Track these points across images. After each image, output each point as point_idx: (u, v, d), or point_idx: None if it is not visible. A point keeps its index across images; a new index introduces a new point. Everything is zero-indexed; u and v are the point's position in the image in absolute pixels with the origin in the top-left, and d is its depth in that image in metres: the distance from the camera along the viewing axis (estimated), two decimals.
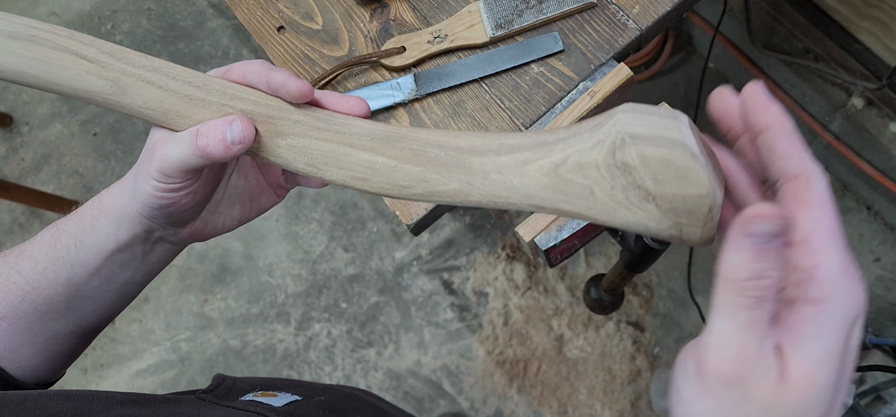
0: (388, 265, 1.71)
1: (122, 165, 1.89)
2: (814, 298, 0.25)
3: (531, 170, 0.32)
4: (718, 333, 0.25)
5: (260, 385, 0.51)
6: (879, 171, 1.39)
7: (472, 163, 0.34)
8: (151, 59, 0.39)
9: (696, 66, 1.70)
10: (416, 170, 0.36)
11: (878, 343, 1.13)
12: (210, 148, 0.37)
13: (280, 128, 0.39)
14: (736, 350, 0.25)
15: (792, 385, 0.25)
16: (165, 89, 0.39)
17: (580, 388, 1.55)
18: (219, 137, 0.37)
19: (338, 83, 0.75)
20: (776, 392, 0.25)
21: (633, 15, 0.73)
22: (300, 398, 0.50)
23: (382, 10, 0.79)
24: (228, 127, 0.37)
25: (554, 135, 0.32)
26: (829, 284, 0.25)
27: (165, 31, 2.04)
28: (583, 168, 0.30)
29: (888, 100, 1.29)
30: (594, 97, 0.69)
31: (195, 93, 0.39)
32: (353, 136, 0.37)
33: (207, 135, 0.37)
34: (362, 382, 1.63)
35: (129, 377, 1.72)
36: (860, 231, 1.55)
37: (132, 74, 0.38)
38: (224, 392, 0.48)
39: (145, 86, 0.39)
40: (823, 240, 0.26)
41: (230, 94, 0.39)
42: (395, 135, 0.37)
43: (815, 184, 0.27)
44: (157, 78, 0.39)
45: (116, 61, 0.38)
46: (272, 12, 0.81)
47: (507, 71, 0.73)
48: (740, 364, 0.25)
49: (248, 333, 1.71)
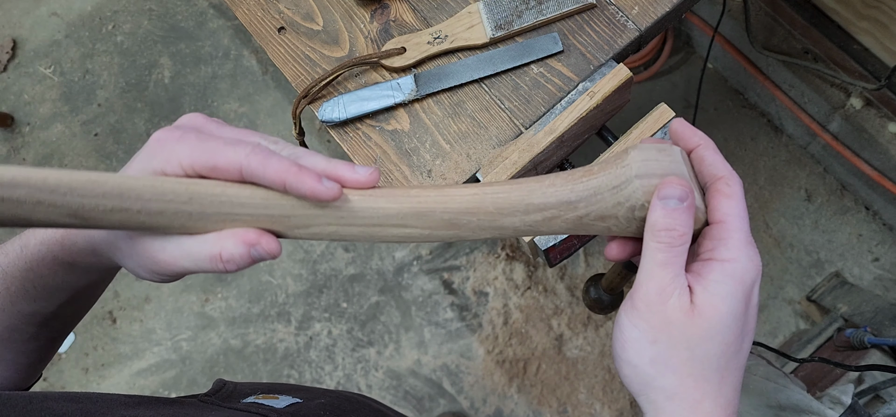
0: (388, 265, 1.71)
1: (122, 165, 1.89)
2: (723, 258, 0.34)
3: (557, 223, 0.37)
4: (644, 271, 0.34)
5: (261, 389, 0.52)
6: (878, 171, 1.39)
7: (503, 223, 0.37)
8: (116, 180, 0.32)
9: (695, 67, 1.71)
10: (450, 233, 0.37)
11: (877, 342, 1.14)
12: (236, 265, 0.34)
13: (298, 224, 0.36)
14: (656, 282, 0.34)
15: (700, 312, 0.33)
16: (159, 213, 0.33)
17: (580, 387, 1.55)
18: (244, 258, 0.34)
19: (338, 83, 0.76)
20: (688, 316, 0.33)
21: (633, 15, 0.73)
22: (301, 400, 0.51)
23: (382, 10, 0.79)
24: (253, 248, 0.34)
25: (575, 192, 0.36)
26: (735, 250, 0.34)
27: (166, 32, 2.04)
28: (604, 218, 0.36)
29: (887, 101, 1.29)
30: (593, 98, 0.69)
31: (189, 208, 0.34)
32: (382, 218, 0.36)
33: (232, 259, 0.34)
34: (363, 381, 1.63)
35: (129, 376, 1.72)
36: (859, 231, 1.55)
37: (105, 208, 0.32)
38: (225, 396, 0.48)
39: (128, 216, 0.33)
40: (736, 221, 0.35)
41: (237, 203, 0.34)
42: (425, 211, 0.36)
43: (734, 183, 0.36)
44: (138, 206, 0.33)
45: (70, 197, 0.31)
46: (273, 13, 0.82)
47: (506, 71, 0.73)
48: (659, 293, 0.33)
49: (248, 333, 1.71)
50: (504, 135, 0.71)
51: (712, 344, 0.33)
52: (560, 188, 0.36)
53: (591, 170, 0.36)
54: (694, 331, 0.33)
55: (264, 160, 0.33)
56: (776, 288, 1.56)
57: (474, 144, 0.71)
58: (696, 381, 0.34)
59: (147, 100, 1.96)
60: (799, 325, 1.52)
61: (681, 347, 0.33)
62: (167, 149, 0.34)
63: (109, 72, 2.02)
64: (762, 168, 1.62)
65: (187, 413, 0.42)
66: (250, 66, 1.96)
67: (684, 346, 0.33)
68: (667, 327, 0.33)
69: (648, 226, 0.34)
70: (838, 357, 1.22)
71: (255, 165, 0.33)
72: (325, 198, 0.34)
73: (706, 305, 0.33)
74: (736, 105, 1.67)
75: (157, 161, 0.34)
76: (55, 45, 2.08)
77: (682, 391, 0.34)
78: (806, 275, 1.55)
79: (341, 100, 0.74)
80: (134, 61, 2.02)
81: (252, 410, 0.45)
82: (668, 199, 0.34)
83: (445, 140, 0.72)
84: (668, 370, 0.34)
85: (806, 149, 1.61)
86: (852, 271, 1.53)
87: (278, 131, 1.88)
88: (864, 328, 1.19)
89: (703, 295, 0.34)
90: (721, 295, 0.33)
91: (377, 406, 0.60)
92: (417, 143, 0.73)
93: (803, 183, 1.61)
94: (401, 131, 0.73)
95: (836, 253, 1.55)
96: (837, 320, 1.34)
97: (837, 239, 1.56)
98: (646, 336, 0.34)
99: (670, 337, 0.33)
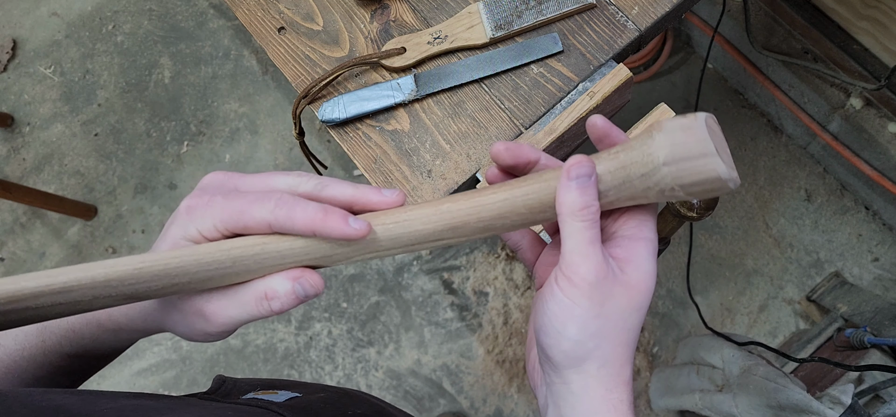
0: (388, 264, 1.71)
1: (122, 165, 1.89)
2: (645, 237, 0.37)
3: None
4: (576, 253, 0.35)
5: (260, 385, 0.52)
6: (878, 171, 1.39)
7: (535, 219, 0.38)
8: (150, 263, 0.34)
9: (695, 67, 1.71)
10: (484, 235, 0.38)
11: (877, 342, 1.14)
12: (280, 308, 0.36)
13: (339, 258, 0.37)
14: (593, 261, 0.35)
15: (635, 285, 0.36)
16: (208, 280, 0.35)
17: None
18: (291, 298, 0.35)
19: (338, 83, 0.76)
20: (625, 289, 0.36)
21: (633, 16, 0.73)
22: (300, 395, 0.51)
23: (383, 10, 0.79)
24: (296, 283, 0.35)
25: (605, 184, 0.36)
26: (651, 230, 0.38)
27: (166, 32, 2.04)
28: (634, 198, 0.36)
29: (886, 101, 1.29)
30: (593, 98, 0.69)
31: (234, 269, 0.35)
32: (419, 238, 0.37)
33: (277, 296, 0.35)
34: (363, 381, 1.63)
35: (130, 376, 1.72)
36: (859, 231, 1.55)
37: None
38: (225, 392, 0.48)
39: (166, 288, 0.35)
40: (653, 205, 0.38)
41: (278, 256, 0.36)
42: (459, 224, 0.37)
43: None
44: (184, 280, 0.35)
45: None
46: (273, 13, 0.82)
47: (506, 71, 0.74)
48: (598, 270, 0.35)
49: (248, 332, 1.71)
50: (504, 135, 0.71)
51: (638, 315, 0.37)
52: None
53: (616, 156, 0.36)
54: (628, 303, 0.36)
55: (290, 213, 0.35)
56: (776, 288, 1.56)
57: (474, 144, 0.72)
58: (624, 348, 0.37)
59: (147, 100, 1.96)
60: (799, 325, 1.52)
61: (618, 318, 0.36)
62: (198, 216, 0.36)
63: (109, 72, 2.02)
64: (762, 168, 1.62)
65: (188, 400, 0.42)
66: (250, 66, 1.96)
67: (621, 317, 0.36)
68: (608, 300, 0.35)
69: (567, 208, 0.35)
70: (838, 357, 1.22)
71: (282, 220, 0.35)
72: (355, 237, 0.35)
73: (639, 280, 0.36)
74: (736, 105, 1.67)
75: (192, 228, 0.36)
76: (55, 45, 2.08)
77: (612, 358, 0.36)
78: (806, 275, 1.55)
79: (341, 100, 0.74)
80: (134, 61, 2.02)
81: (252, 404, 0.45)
82: (580, 177, 0.35)
83: (445, 140, 0.72)
84: (606, 341, 0.36)
85: (806, 149, 1.61)
86: (852, 271, 1.53)
87: (278, 131, 1.88)
88: (863, 328, 1.19)
89: (635, 272, 0.36)
90: (648, 271, 0.37)
91: (376, 402, 0.60)
92: (417, 143, 0.73)
93: (803, 183, 1.61)
94: (401, 131, 0.73)
95: (836, 253, 1.55)
96: (837, 320, 1.34)
97: (837, 239, 1.56)
98: (589, 311, 0.35)
99: (610, 311, 0.36)
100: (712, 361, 1.26)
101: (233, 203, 0.35)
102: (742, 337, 1.30)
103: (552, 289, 0.36)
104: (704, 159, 0.33)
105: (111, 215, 1.86)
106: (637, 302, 0.36)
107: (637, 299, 0.36)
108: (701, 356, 1.29)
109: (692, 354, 1.33)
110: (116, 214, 1.86)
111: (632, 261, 0.37)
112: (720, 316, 1.55)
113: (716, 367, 1.25)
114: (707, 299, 1.56)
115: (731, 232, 1.60)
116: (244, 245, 0.35)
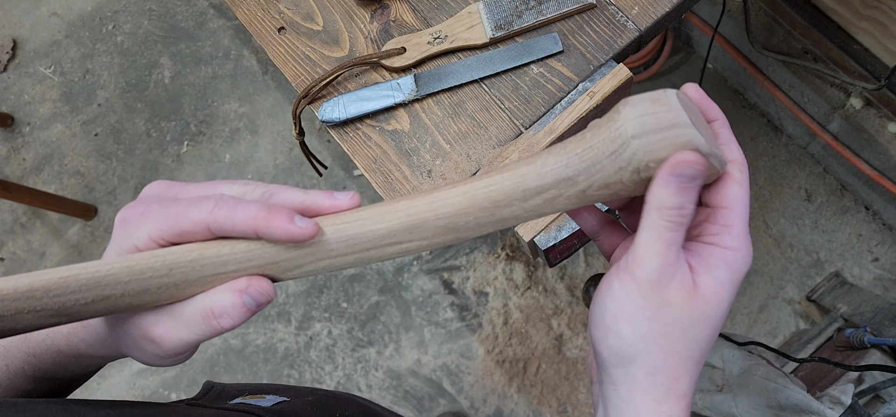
0: (388, 265, 1.71)
1: (122, 165, 1.89)
2: (727, 245, 0.34)
3: (560, 202, 0.35)
4: (648, 248, 0.33)
5: (248, 390, 0.52)
6: (878, 171, 1.39)
7: (503, 215, 0.35)
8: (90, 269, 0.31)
9: (695, 67, 1.71)
10: (449, 237, 0.35)
11: (877, 342, 1.14)
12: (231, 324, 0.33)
13: (288, 266, 0.34)
14: (661, 260, 0.33)
15: (702, 294, 0.33)
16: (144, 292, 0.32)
17: (580, 387, 1.55)
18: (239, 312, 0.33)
19: (338, 83, 0.76)
20: (690, 297, 0.33)
21: (633, 16, 0.73)
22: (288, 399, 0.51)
23: (383, 10, 0.79)
24: (243, 294, 0.33)
25: (572, 166, 0.33)
26: (738, 240, 0.34)
27: (166, 32, 2.04)
28: (608, 185, 0.33)
29: (887, 101, 1.29)
30: (593, 98, 0.69)
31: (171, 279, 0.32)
32: (374, 241, 0.34)
33: (225, 312, 0.33)
34: (363, 381, 1.63)
35: (129, 376, 1.72)
36: (859, 231, 1.55)
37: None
38: (213, 398, 0.48)
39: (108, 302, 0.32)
40: (741, 210, 0.35)
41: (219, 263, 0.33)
42: (417, 223, 0.34)
43: (744, 170, 0.35)
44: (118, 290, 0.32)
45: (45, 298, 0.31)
46: (273, 13, 0.82)
47: (506, 71, 0.74)
48: (664, 271, 0.33)
49: (248, 332, 1.71)
50: (504, 135, 0.71)
51: (706, 327, 0.34)
52: (555, 166, 0.34)
53: (583, 137, 0.33)
54: (693, 313, 0.33)
55: (230, 212, 0.32)
56: (776, 288, 1.56)
57: (474, 144, 0.72)
58: (681, 360, 0.34)
59: (147, 100, 1.96)
60: (799, 325, 1.52)
61: (676, 326, 0.33)
62: (133, 226, 0.33)
63: (109, 72, 2.02)
64: (762, 168, 1.62)
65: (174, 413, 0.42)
66: (250, 66, 1.96)
67: (680, 326, 0.33)
68: (666, 305, 0.33)
69: (655, 202, 0.32)
70: (838, 357, 1.22)
71: (221, 220, 0.32)
72: (301, 238, 0.32)
73: (708, 289, 0.34)
74: (736, 105, 1.67)
75: (128, 240, 0.33)
76: (55, 45, 2.08)
77: (665, 367, 0.34)
78: (806, 275, 1.55)
79: (341, 100, 0.74)
80: (134, 61, 2.02)
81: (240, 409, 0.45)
82: (682, 177, 0.32)
83: (445, 140, 0.72)
84: (657, 347, 0.34)
85: (806, 149, 1.61)
86: (852, 271, 1.53)
87: (278, 131, 1.88)
88: (863, 328, 1.19)
89: (706, 279, 0.34)
90: (723, 281, 0.34)
91: (365, 404, 0.60)
92: (417, 143, 0.73)
93: (803, 183, 1.61)
94: (401, 131, 0.73)
95: (836, 253, 1.55)
96: (837, 320, 1.34)
97: (837, 239, 1.56)
98: (643, 311, 0.33)
99: (668, 316, 0.33)
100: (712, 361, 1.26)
101: (169, 209, 0.33)
102: (742, 337, 1.30)
103: (610, 281, 0.34)
104: (677, 129, 0.31)
105: (111, 215, 1.86)
106: (704, 313, 0.34)
107: (704, 309, 0.34)
108: None
109: None
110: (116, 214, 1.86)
111: (705, 269, 0.34)
112: None
113: (716, 367, 1.25)
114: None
115: None
116: (180, 251, 0.33)
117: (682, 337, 0.34)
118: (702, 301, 0.33)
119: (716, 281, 0.34)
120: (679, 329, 0.33)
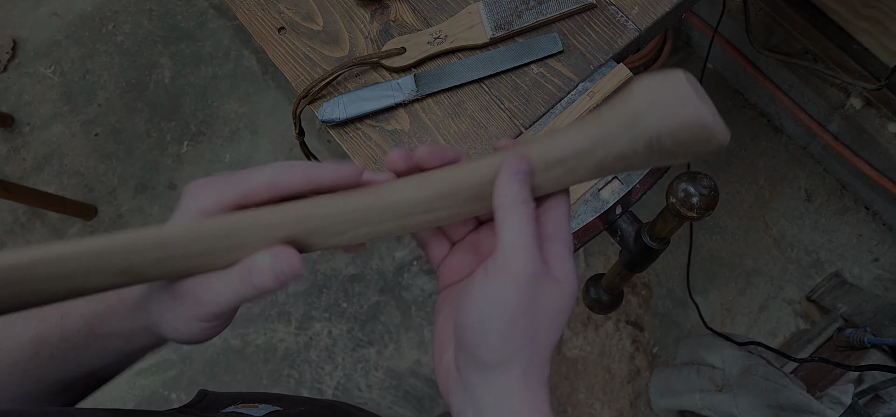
0: (388, 265, 1.71)
1: (122, 165, 1.89)
2: (565, 239, 0.37)
3: (581, 172, 0.37)
4: (518, 245, 0.34)
5: (241, 398, 0.52)
6: (878, 171, 1.39)
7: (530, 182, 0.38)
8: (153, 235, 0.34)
9: (695, 67, 1.71)
10: (479, 206, 0.38)
11: (877, 342, 1.14)
12: (267, 285, 0.35)
13: (333, 231, 0.37)
14: (531, 253, 0.34)
15: (563, 283, 0.36)
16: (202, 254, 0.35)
17: (579, 387, 1.55)
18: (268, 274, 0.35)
19: (338, 84, 0.76)
20: (556, 286, 0.36)
21: (633, 16, 0.73)
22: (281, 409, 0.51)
23: (383, 11, 0.79)
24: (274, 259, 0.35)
25: (589, 138, 0.36)
26: (569, 232, 0.38)
27: (167, 32, 2.04)
28: (623, 156, 0.35)
29: (886, 101, 1.29)
30: (593, 98, 0.69)
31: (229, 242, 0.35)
32: (411, 207, 0.37)
33: (261, 271, 0.35)
34: (363, 381, 1.63)
35: (130, 376, 1.72)
36: (859, 231, 1.55)
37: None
38: (205, 407, 0.48)
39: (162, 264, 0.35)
40: (568, 203, 0.38)
41: (272, 225, 0.36)
42: (450, 190, 0.37)
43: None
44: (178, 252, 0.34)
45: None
46: (273, 13, 0.82)
47: (506, 71, 0.74)
48: (534, 263, 0.34)
49: (248, 332, 1.71)
50: (504, 135, 0.71)
51: (565, 315, 0.36)
52: (573, 138, 0.36)
53: (599, 114, 0.36)
54: (557, 302, 0.36)
55: (290, 168, 0.36)
56: (776, 288, 1.56)
57: (474, 144, 0.72)
58: (548, 349, 0.36)
59: (147, 100, 1.96)
60: (799, 325, 1.52)
61: (545, 316, 0.35)
62: (201, 192, 0.36)
63: (109, 72, 2.02)
64: (762, 168, 1.62)
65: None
66: (250, 66, 1.96)
67: (548, 315, 0.35)
68: (539, 297, 0.35)
69: (508, 198, 0.35)
70: (838, 357, 1.22)
71: (285, 173, 0.36)
72: (347, 176, 0.37)
73: (565, 280, 0.36)
74: (736, 105, 1.67)
75: (195, 204, 0.36)
76: (55, 45, 2.08)
77: (537, 357, 0.36)
78: (806, 275, 1.55)
79: (341, 100, 0.74)
80: (134, 61, 2.02)
81: None
82: (524, 173, 0.35)
83: (445, 140, 0.72)
84: (532, 340, 0.35)
85: (806, 149, 1.61)
86: (852, 271, 1.53)
87: (278, 131, 1.88)
88: (863, 328, 1.19)
89: (561, 271, 0.36)
90: (571, 270, 0.37)
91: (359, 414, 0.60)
92: (417, 143, 0.73)
93: (803, 183, 1.61)
94: (401, 131, 0.73)
95: (836, 253, 1.55)
96: (837, 320, 1.34)
97: (837, 239, 1.56)
98: (520, 307, 0.34)
99: (540, 308, 0.35)
100: (712, 361, 1.26)
101: (235, 175, 0.36)
102: (742, 337, 1.30)
103: (483, 284, 0.35)
104: (687, 102, 0.33)
105: (111, 215, 1.86)
106: (564, 302, 0.36)
107: (564, 298, 0.36)
108: (701, 356, 1.29)
109: (692, 354, 1.33)
110: (116, 214, 1.86)
111: (555, 261, 0.36)
112: (720, 316, 1.55)
113: (716, 367, 1.25)
114: (707, 299, 1.56)
115: (731, 232, 1.60)
116: (239, 215, 0.35)
117: (549, 326, 0.36)
118: (563, 290, 0.36)
119: (569, 272, 0.36)
120: (547, 318, 0.35)
